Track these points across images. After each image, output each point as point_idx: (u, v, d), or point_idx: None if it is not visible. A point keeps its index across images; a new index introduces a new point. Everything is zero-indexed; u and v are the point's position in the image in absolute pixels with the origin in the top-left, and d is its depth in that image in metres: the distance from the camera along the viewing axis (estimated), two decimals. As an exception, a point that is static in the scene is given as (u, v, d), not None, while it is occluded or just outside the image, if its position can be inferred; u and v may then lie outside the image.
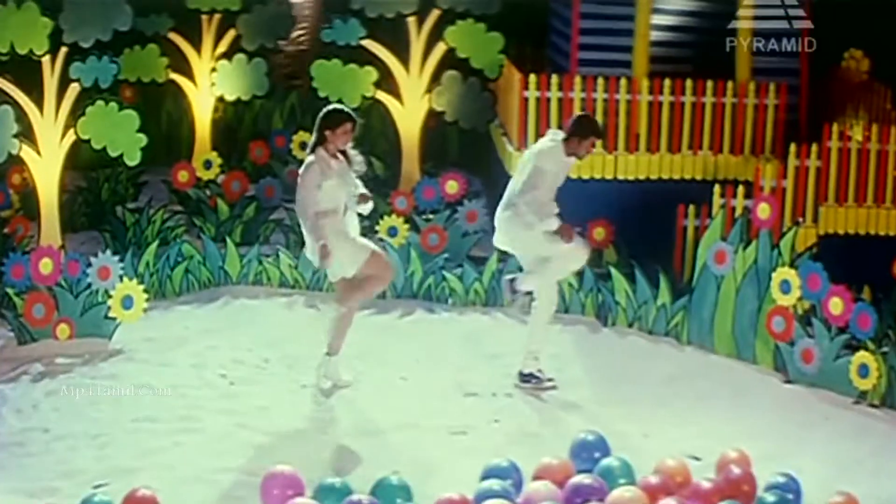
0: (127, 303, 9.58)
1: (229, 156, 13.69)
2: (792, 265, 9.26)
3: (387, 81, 12.89)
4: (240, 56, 13.70)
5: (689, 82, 11.35)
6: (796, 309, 9.23)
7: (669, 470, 7.18)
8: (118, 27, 10.60)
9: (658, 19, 11.79)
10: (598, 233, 11.17)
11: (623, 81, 11.37)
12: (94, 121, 10.66)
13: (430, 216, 11.38)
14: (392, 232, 11.06)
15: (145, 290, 9.71)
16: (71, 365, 9.23)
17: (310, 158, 8.58)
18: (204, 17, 13.74)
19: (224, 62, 13.73)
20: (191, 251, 11.00)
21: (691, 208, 10.62)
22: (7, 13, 10.14)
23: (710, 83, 11.36)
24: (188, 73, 13.88)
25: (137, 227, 11.85)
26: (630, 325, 10.25)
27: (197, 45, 13.84)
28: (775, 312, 9.26)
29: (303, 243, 11.10)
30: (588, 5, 11.80)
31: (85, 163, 12.75)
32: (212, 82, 13.77)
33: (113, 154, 10.73)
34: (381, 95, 12.89)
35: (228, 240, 11.25)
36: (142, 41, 13.50)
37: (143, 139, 10.73)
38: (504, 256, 10.70)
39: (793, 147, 10.67)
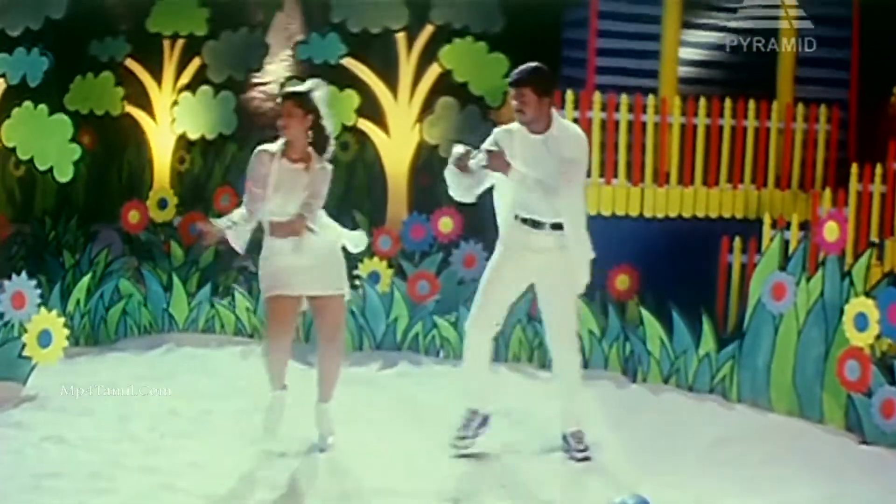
0: (44, 339, 8.11)
1: (193, 203, 12.11)
2: (868, 295, 7.55)
3: (371, 108, 11.44)
4: (205, 88, 12.13)
5: (727, 102, 9.77)
6: (874, 350, 7.56)
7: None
8: (51, 15, 9.56)
9: (687, 50, 10.25)
10: (622, 281, 9.53)
11: (651, 100, 9.76)
12: (21, 125, 9.41)
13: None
14: (373, 278, 9.67)
15: (66, 326, 8.19)
16: (-27, 411, 7.80)
17: None
18: (165, 42, 12.23)
19: (187, 95, 12.15)
20: (129, 289, 9.43)
21: (737, 241, 9.01)
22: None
23: (751, 104, 9.80)
24: (146, 105, 12.33)
25: (77, 269, 10.21)
26: (665, 381, 8.69)
27: (157, 75, 12.34)
28: (848, 355, 7.56)
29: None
30: (606, 22, 10.28)
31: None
32: (172, 118, 12.19)
33: (42, 167, 9.41)
34: (364, 124, 11.43)
35: (175, 277, 9.53)
36: (95, 68, 12.05)
37: (76, 150, 9.37)
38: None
39: (854, 168, 9.11)
